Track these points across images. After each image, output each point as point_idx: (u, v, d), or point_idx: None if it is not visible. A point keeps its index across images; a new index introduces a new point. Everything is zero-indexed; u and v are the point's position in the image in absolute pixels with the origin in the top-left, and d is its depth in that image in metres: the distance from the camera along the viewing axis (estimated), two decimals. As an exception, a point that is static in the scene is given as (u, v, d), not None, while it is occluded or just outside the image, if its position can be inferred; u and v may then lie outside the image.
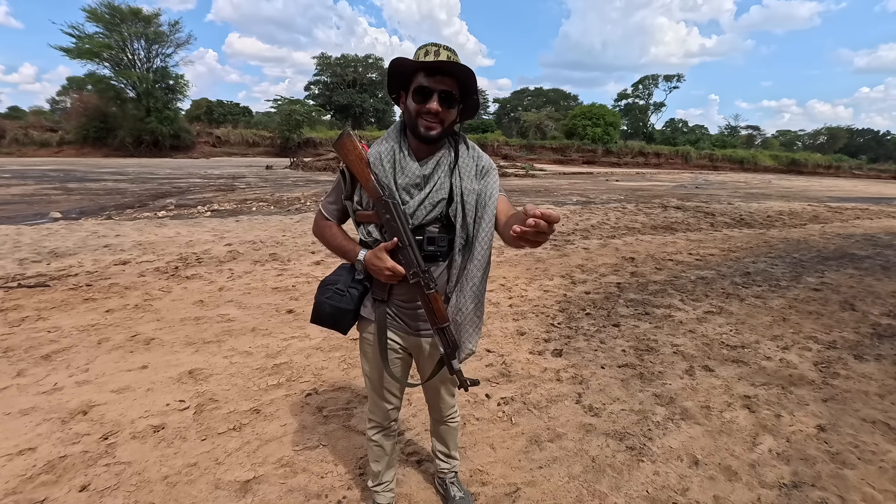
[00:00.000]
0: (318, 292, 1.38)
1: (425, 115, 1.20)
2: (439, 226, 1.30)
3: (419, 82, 1.18)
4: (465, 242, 1.31)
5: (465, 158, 1.32)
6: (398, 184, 1.26)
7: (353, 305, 1.35)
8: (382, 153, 1.28)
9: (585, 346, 3.24)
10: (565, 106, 62.54)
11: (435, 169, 1.28)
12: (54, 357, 2.81)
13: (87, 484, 1.79)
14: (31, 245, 5.59)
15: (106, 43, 30.90)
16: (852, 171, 43.94)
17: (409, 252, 1.23)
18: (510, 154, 38.96)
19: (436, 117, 1.19)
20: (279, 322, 3.46)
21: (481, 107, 1.41)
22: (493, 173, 1.34)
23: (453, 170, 1.30)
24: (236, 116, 49.62)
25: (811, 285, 4.98)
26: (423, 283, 1.23)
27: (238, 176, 17.23)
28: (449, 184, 1.29)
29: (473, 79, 1.19)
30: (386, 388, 1.51)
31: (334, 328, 1.38)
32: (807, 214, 11.32)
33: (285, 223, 7.62)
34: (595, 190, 15.98)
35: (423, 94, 1.18)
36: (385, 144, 1.30)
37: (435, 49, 1.18)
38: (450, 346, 1.29)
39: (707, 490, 1.87)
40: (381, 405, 1.54)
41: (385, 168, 1.26)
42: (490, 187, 1.30)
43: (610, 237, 7.34)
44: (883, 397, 2.67)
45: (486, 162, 1.35)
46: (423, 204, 1.26)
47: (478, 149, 1.36)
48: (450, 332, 1.28)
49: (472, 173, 1.30)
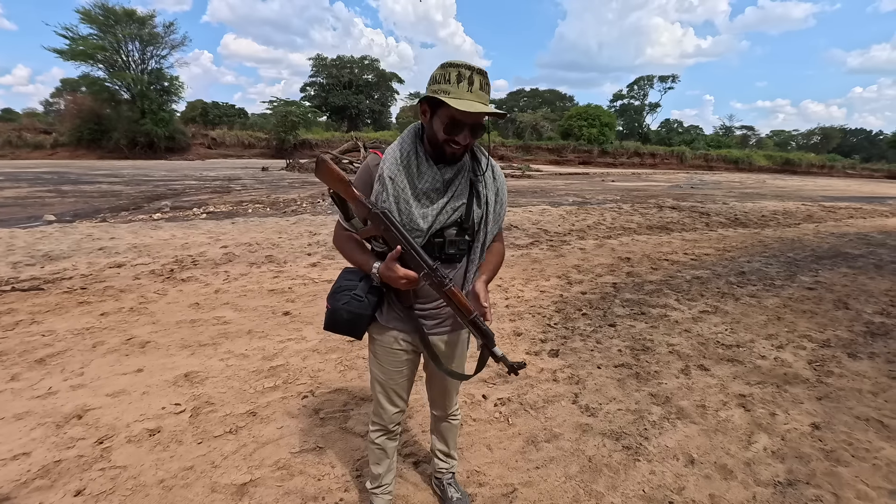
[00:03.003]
0: (331, 299, 1.36)
1: (453, 143, 1.22)
2: (458, 229, 1.33)
3: (452, 114, 1.16)
4: (481, 246, 1.38)
5: (487, 170, 1.37)
6: (417, 189, 1.27)
7: (371, 311, 1.36)
8: (399, 158, 1.28)
9: (582, 347, 3.25)
10: (561, 107, 62.71)
11: (456, 174, 1.30)
12: (49, 361, 2.79)
13: (83, 489, 1.78)
14: (24, 248, 5.55)
15: (100, 44, 30.64)
16: (845, 170, 44.21)
17: (414, 255, 1.23)
18: (506, 155, 38.99)
19: (463, 147, 1.23)
20: (275, 324, 3.46)
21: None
22: (505, 185, 1.45)
23: (478, 178, 1.35)
24: (232, 118, 49.45)
25: (805, 284, 5.02)
26: (437, 282, 1.23)
27: (234, 178, 17.17)
28: (468, 189, 1.33)
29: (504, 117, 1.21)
30: (395, 391, 1.52)
31: (350, 334, 1.38)
32: (801, 214, 11.40)
33: (281, 225, 7.60)
34: (591, 190, 16.02)
35: (455, 127, 1.19)
36: (401, 150, 1.30)
37: (469, 75, 1.15)
38: (486, 335, 1.26)
39: (703, 489, 1.88)
40: (388, 408, 1.54)
41: (402, 173, 1.27)
42: (505, 197, 1.43)
43: (606, 237, 7.36)
44: (876, 395, 2.69)
45: (500, 177, 1.43)
46: (444, 209, 1.29)
47: (491, 159, 1.40)
48: (481, 322, 1.25)
49: (492, 183, 1.38)
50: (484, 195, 1.35)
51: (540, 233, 7.55)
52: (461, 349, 1.55)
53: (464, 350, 1.57)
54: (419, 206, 1.28)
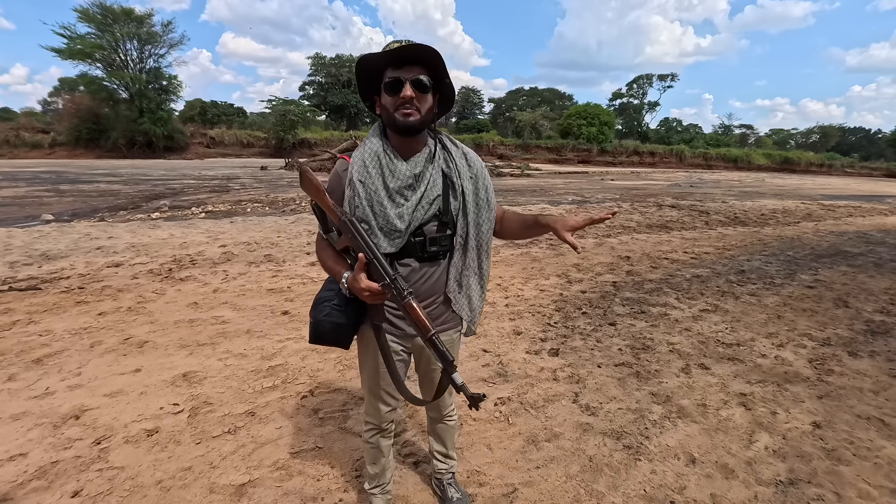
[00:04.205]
0: (313, 311, 1.33)
1: (401, 106, 1.18)
2: (437, 224, 1.29)
3: (389, 76, 1.18)
4: (465, 240, 1.32)
5: (458, 157, 1.32)
6: (389, 188, 1.24)
7: (352, 320, 1.32)
8: (366, 159, 1.25)
9: (582, 346, 3.24)
10: (560, 105, 62.69)
11: (425, 166, 1.26)
12: (46, 361, 2.77)
13: (80, 490, 1.77)
14: (22, 248, 5.53)
15: (98, 43, 30.56)
16: (844, 169, 44.23)
17: (376, 265, 1.20)
18: (505, 154, 38.97)
19: (412, 104, 1.17)
20: (274, 324, 3.44)
21: (479, 108, 1.43)
22: (485, 171, 1.37)
23: (449, 167, 1.30)
24: (230, 117, 49.30)
25: (805, 283, 5.01)
26: (395, 294, 1.19)
27: (232, 177, 17.14)
28: (442, 179, 1.28)
29: (441, 60, 1.18)
30: (384, 390, 1.49)
31: (335, 345, 1.35)
32: (800, 212, 11.40)
33: (280, 224, 7.58)
34: (590, 189, 16.02)
35: (395, 86, 1.17)
36: (367, 149, 1.26)
37: (397, 44, 1.16)
38: (445, 358, 1.21)
39: (704, 488, 1.88)
40: (380, 407, 1.52)
41: (372, 174, 1.24)
42: (488, 182, 1.36)
43: (605, 236, 7.35)
44: (877, 393, 2.68)
45: (477, 163, 1.37)
46: (419, 204, 1.25)
47: (463, 146, 1.36)
48: (440, 343, 1.20)
49: (466, 171, 1.32)
50: (459, 185, 1.29)
51: (539, 232, 7.53)
52: (454, 350, 1.49)
53: (455, 350, 1.51)
54: (393, 205, 1.23)
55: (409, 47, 1.14)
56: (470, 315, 1.38)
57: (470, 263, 1.35)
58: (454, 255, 1.34)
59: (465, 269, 1.35)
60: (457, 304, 1.37)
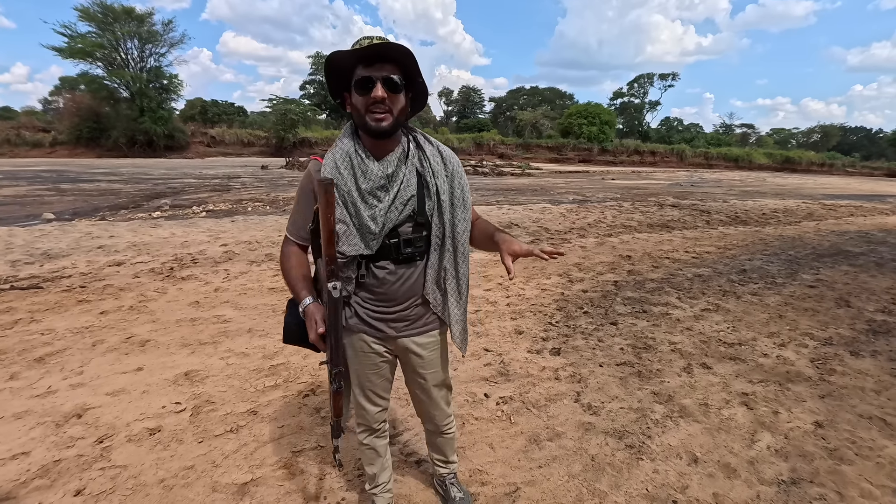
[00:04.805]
0: (286, 313, 1.37)
1: (372, 107, 1.14)
2: (412, 224, 1.26)
3: (359, 75, 1.13)
4: (441, 240, 1.29)
5: (432, 155, 1.28)
6: (362, 189, 1.20)
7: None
8: (338, 160, 1.21)
9: (583, 345, 3.24)
10: (561, 105, 62.62)
11: (398, 166, 1.23)
12: (48, 360, 2.78)
13: (82, 488, 1.77)
14: (23, 246, 5.54)
15: (98, 42, 30.58)
16: (845, 168, 44.17)
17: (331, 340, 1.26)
18: (506, 153, 38.97)
19: (383, 105, 1.13)
20: (276, 323, 3.44)
21: (479, 108, 1.41)
22: (462, 169, 1.34)
23: (423, 165, 1.26)
24: (231, 116, 49.30)
25: (807, 282, 5.01)
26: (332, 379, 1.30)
27: (233, 176, 17.14)
28: (416, 179, 1.25)
29: (413, 59, 1.13)
30: (371, 391, 1.46)
31: (309, 347, 1.37)
32: (801, 212, 11.39)
33: (281, 223, 7.58)
34: (591, 188, 16.01)
35: (365, 85, 1.13)
36: (338, 150, 1.23)
37: (368, 41, 1.12)
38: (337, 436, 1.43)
39: (706, 487, 1.87)
40: (368, 408, 1.49)
41: (344, 175, 1.20)
42: (464, 181, 1.32)
43: (606, 235, 7.35)
44: (879, 393, 2.68)
45: (452, 161, 1.32)
46: (393, 205, 1.22)
47: (439, 144, 1.33)
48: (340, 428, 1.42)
49: (441, 170, 1.29)
50: (434, 185, 1.25)
51: (541, 231, 7.54)
52: (439, 353, 1.45)
53: (443, 354, 1.47)
54: (367, 207, 1.20)
55: (380, 45, 1.10)
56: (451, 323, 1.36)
57: (447, 265, 1.31)
58: (430, 256, 1.30)
59: (441, 271, 1.31)
60: (436, 305, 1.34)
